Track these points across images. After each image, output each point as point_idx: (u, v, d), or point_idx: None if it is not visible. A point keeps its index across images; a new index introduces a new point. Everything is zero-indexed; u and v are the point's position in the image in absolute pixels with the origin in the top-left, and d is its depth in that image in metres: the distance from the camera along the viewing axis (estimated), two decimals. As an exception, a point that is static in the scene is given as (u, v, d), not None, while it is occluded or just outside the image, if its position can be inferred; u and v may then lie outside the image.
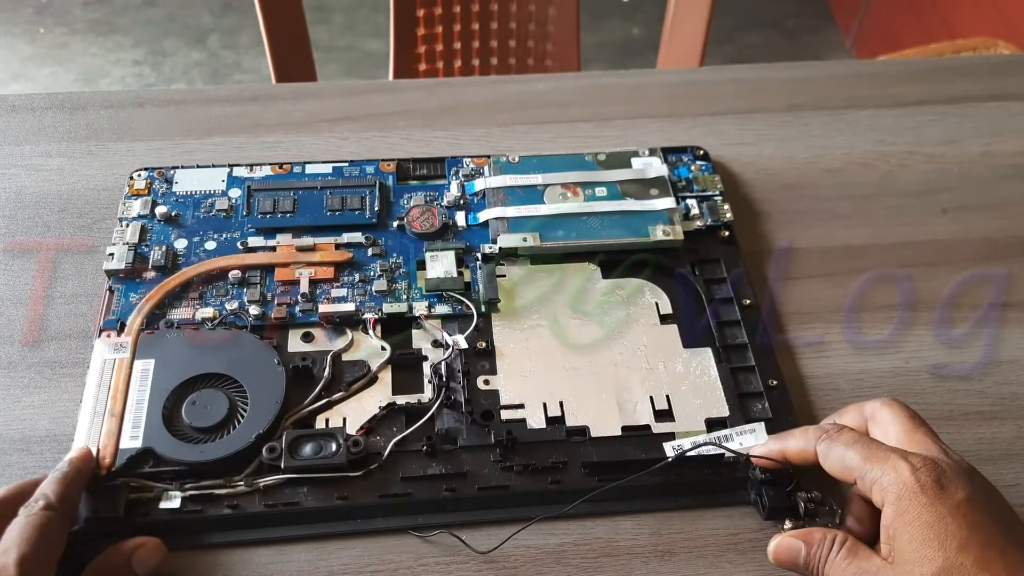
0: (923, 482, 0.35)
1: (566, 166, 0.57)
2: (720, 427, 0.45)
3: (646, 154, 0.58)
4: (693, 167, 0.59)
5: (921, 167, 0.62)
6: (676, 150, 0.60)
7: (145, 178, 0.56)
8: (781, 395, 0.47)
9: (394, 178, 0.57)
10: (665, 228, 0.53)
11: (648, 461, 0.43)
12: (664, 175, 0.57)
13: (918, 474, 0.36)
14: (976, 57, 0.99)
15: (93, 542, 0.39)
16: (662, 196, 0.55)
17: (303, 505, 0.42)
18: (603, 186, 0.56)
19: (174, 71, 1.85)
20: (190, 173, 0.56)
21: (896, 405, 0.40)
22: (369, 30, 1.95)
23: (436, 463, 0.44)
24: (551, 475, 0.44)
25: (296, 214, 0.54)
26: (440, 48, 1.06)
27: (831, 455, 0.39)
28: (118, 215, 0.54)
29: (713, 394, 0.47)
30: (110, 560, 0.39)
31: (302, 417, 0.45)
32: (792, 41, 1.96)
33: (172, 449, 0.43)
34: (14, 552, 0.35)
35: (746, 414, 0.46)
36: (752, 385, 0.48)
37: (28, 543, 0.35)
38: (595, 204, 0.55)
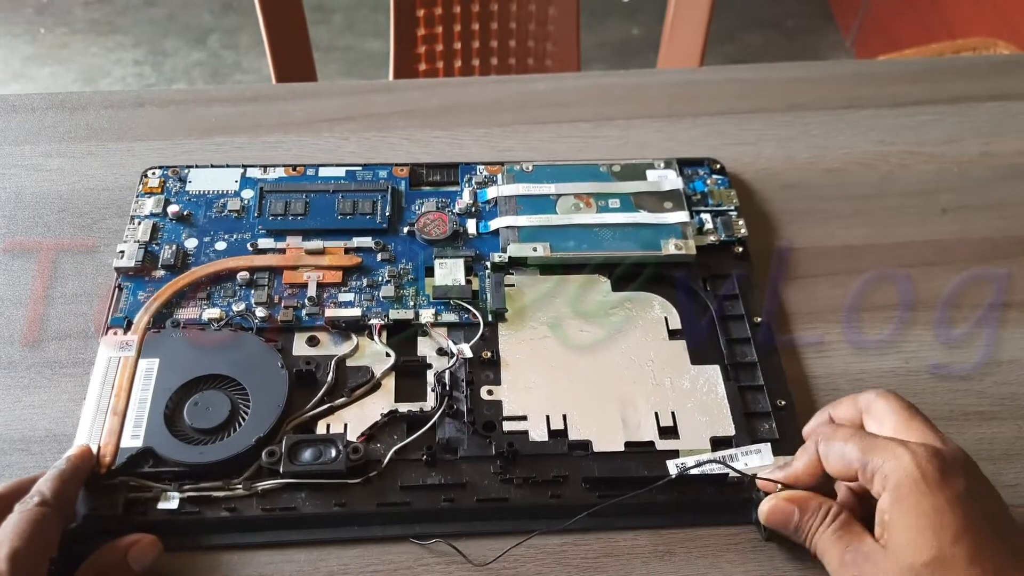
0: (924, 470, 0.35)
1: (580, 176, 0.57)
2: (725, 446, 0.45)
3: (661, 166, 0.58)
4: (709, 180, 0.58)
5: (921, 167, 0.62)
6: (692, 162, 0.59)
7: (159, 176, 0.56)
8: (789, 416, 0.46)
9: (407, 183, 0.57)
10: (677, 242, 0.53)
11: (650, 478, 0.43)
12: (679, 188, 0.56)
13: (919, 461, 0.36)
14: (976, 57, 0.99)
15: (91, 540, 0.39)
16: (676, 209, 0.55)
17: (301, 510, 0.42)
18: (616, 198, 0.55)
19: (174, 71, 1.85)
20: (204, 173, 0.57)
21: (891, 396, 0.40)
22: (369, 30, 1.95)
23: (436, 473, 0.43)
24: (551, 489, 0.43)
25: (307, 217, 0.54)
26: (440, 48, 1.06)
27: (831, 454, 0.38)
28: (130, 212, 0.54)
29: (719, 412, 0.46)
30: (106, 556, 0.39)
31: (303, 422, 0.45)
32: (792, 41, 1.96)
33: (172, 450, 0.43)
34: (6, 546, 0.35)
35: (752, 434, 0.46)
36: (760, 405, 0.47)
37: (20, 538, 0.35)
38: (607, 216, 0.54)
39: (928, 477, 0.35)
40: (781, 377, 0.48)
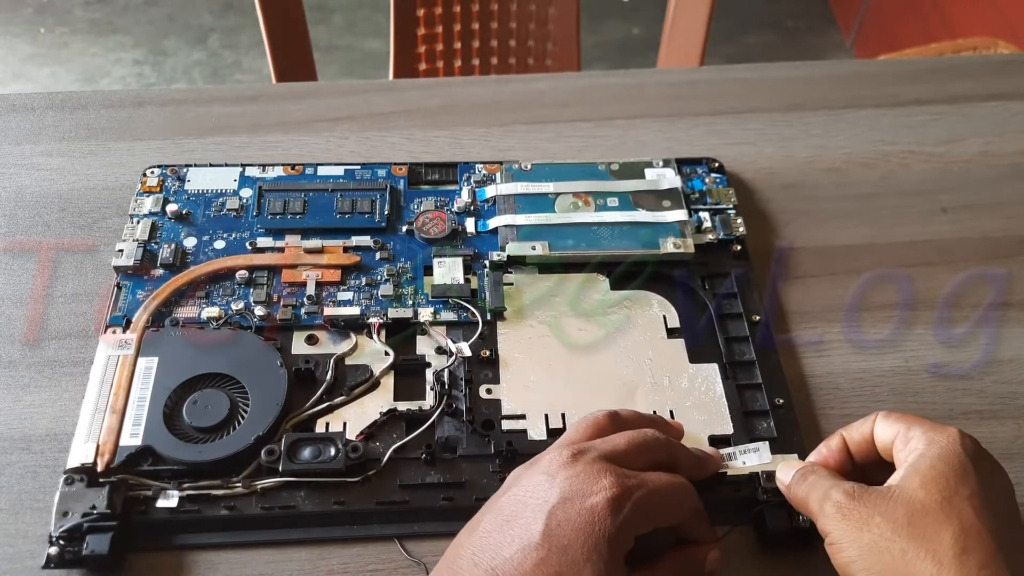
0: (964, 443, 0.36)
1: (579, 175, 0.57)
2: (724, 445, 0.45)
3: (660, 165, 0.58)
4: (708, 179, 0.58)
5: (921, 167, 0.62)
6: (691, 161, 0.59)
7: (158, 175, 0.56)
8: (787, 414, 0.46)
9: (405, 182, 0.57)
10: (676, 240, 0.53)
11: None
12: (677, 187, 0.56)
13: (963, 437, 0.37)
14: (976, 57, 0.99)
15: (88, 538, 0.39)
16: (674, 208, 0.55)
17: (300, 509, 0.42)
18: (615, 196, 0.55)
19: (174, 71, 1.85)
20: (202, 172, 0.57)
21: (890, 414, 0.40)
22: (369, 30, 1.95)
23: (435, 471, 0.43)
24: None
25: (306, 216, 0.54)
26: (440, 48, 1.06)
27: (879, 426, 0.39)
28: (129, 211, 0.54)
29: (718, 411, 0.46)
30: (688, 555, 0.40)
31: (302, 420, 0.45)
32: (792, 41, 1.96)
33: (171, 448, 0.43)
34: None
35: (750, 432, 0.46)
36: (758, 403, 0.47)
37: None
38: (606, 214, 0.54)
39: (968, 451, 0.36)
40: (780, 375, 0.48)
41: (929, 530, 0.34)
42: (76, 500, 0.40)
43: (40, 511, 0.42)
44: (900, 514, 0.35)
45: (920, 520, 0.34)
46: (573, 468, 0.36)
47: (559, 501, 0.35)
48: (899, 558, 0.34)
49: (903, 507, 0.35)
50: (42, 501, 0.42)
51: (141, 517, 0.41)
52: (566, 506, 0.35)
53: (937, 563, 0.33)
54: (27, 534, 0.41)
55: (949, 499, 0.34)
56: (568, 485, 0.36)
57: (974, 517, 0.34)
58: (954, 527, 0.34)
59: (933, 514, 0.34)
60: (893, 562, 0.34)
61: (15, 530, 0.42)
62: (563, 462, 0.37)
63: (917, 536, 0.34)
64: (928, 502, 0.35)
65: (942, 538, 0.33)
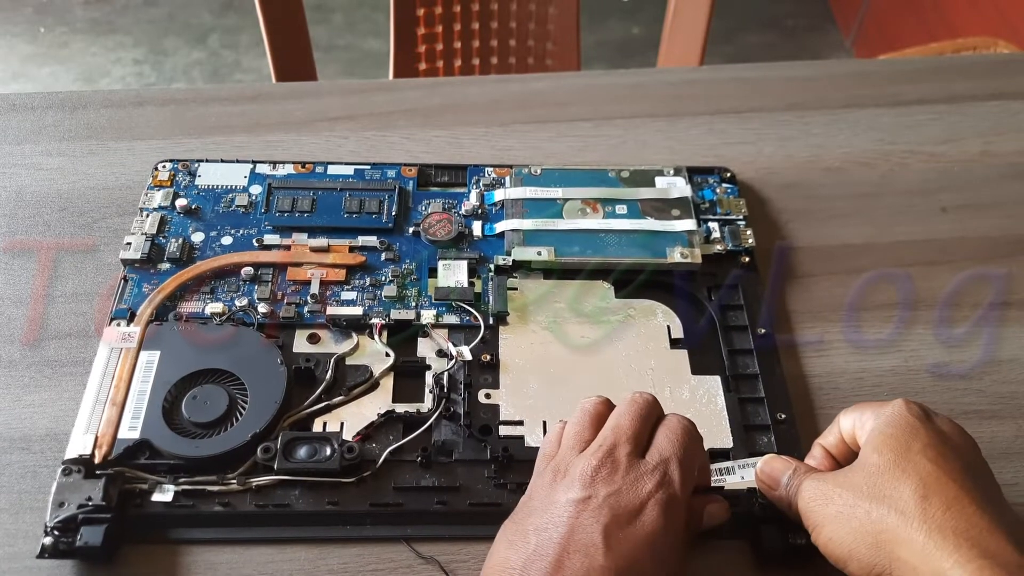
0: (912, 409, 0.38)
1: (588, 181, 0.56)
2: (722, 459, 0.44)
3: (671, 173, 0.57)
4: (718, 189, 0.58)
5: (921, 166, 0.62)
6: (702, 170, 0.59)
7: (169, 170, 0.56)
8: (789, 430, 0.46)
9: (414, 184, 0.57)
10: (683, 250, 0.53)
11: None
12: (687, 196, 0.56)
13: (909, 404, 0.39)
14: (976, 57, 0.99)
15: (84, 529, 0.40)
16: (684, 217, 0.54)
17: (294, 507, 0.42)
18: (624, 203, 0.55)
19: (174, 70, 1.85)
20: (213, 167, 0.57)
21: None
22: (369, 30, 1.95)
23: (430, 475, 0.43)
24: None
25: (314, 214, 0.54)
26: (440, 48, 1.06)
27: (843, 419, 0.41)
28: (139, 205, 0.54)
29: (718, 424, 0.46)
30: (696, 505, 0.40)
31: (300, 419, 0.45)
32: (792, 41, 1.96)
33: (169, 442, 0.43)
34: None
35: (750, 447, 0.45)
36: (760, 417, 0.47)
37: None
38: (614, 222, 0.54)
39: (914, 413, 0.38)
40: (783, 390, 0.48)
41: (888, 487, 0.35)
42: (72, 491, 0.40)
43: (40, 511, 0.41)
44: (859, 480, 0.36)
45: (878, 480, 0.36)
46: (611, 484, 0.37)
47: (611, 522, 0.36)
48: (866, 520, 0.35)
49: (861, 474, 0.37)
50: (42, 501, 0.42)
51: (136, 510, 0.41)
52: (625, 530, 0.36)
53: (900, 514, 0.35)
54: (27, 534, 0.41)
55: (903, 455, 0.36)
56: (616, 502, 0.36)
57: (930, 466, 0.35)
58: (912, 480, 0.35)
59: (889, 472, 0.36)
60: (861, 526, 0.35)
61: (15, 530, 0.42)
62: (598, 476, 0.37)
63: (877, 496, 0.35)
64: (883, 463, 0.36)
65: (902, 492, 0.35)
